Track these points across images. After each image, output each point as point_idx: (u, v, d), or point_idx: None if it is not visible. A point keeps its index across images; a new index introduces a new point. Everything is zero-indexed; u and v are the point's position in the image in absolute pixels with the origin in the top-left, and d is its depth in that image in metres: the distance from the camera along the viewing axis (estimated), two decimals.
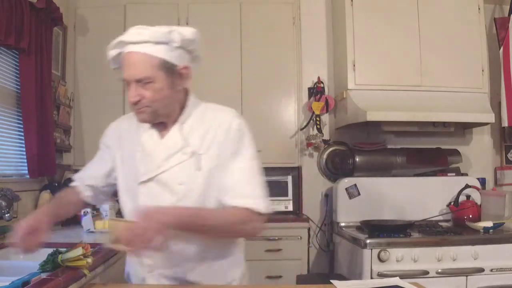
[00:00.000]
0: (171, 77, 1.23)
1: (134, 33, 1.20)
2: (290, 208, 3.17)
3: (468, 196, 2.84)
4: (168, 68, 1.21)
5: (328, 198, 3.19)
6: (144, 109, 1.22)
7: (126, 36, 1.20)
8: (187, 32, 1.24)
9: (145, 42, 1.18)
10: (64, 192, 1.44)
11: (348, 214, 2.91)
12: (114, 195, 1.46)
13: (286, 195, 3.18)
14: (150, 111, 1.23)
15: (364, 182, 2.97)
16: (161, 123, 1.30)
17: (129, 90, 1.21)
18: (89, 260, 1.38)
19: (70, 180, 1.50)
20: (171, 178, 1.25)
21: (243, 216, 1.21)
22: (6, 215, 2.00)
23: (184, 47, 1.24)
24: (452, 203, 2.85)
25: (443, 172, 3.09)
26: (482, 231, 2.47)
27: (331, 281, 1.31)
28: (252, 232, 1.27)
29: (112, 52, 1.25)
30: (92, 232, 2.35)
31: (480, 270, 2.32)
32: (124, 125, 1.40)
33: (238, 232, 1.27)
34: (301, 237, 2.94)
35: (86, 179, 1.42)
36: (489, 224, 2.47)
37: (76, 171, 3.21)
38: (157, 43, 1.19)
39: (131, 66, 1.19)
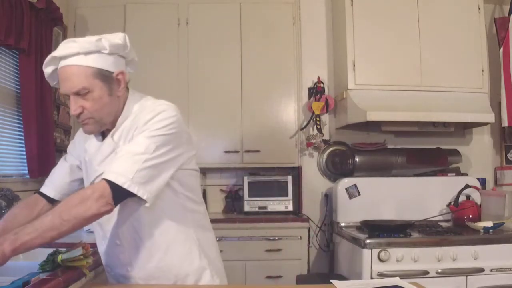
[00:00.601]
0: (108, 84, 1.25)
1: (64, 47, 1.21)
2: (290, 208, 3.17)
3: (468, 196, 2.84)
4: (104, 76, 1.23)
5: (328, 198, 3.19)
6: (88, 121, 1.26)
7: (57, 52, 1.22)
8: (116, 38, 1.26)
9: (76, 55, 1.20)
10: (14, 209, 1.46)
11: (348, 214, 2.91)
12: None
13: (286, 195, 3.18)
14: (94, 121, 1.26)
15: (364, 182, 2.97)
16: (105, 130, 1.33)
17: (70, 103, 1.24)
18: (89, 260, 1.38)
19: None
20: None
21: (83, 194, 1.13)
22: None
23: (115, 53, 1.26)
24: (452, 203, 2.85)
25: (443, 172, 3.09)
26: (482, 231, 2.47)
27: (331, 281, 1.31)
28: (93, 207, 1.11)
29: (48, 70, 1.26)
30: (92, 232, 2.35)
31: (480, 270, 2.32)
32: (82, 132, 1.44)
33: (80, 213, 1.11)
34: (301, 237, 2.94)
35: (56, 181, 1.47)
36: (489, 224, 2.47)
37: None
38: (88, 53, 1.21)
39: (67, 80, 1.21)
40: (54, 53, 1.22)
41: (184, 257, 1.34)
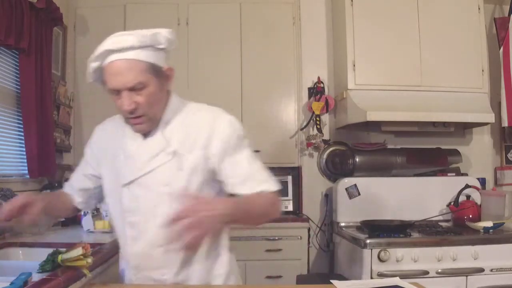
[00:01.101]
0: (160, 80, 1.21)
1: (118, 40, 1.15)
2: (290, 208, 3.17)
3: (468, 196, 2.84)
4: (156, 71, 1.20)
5: (328, 198, 3.19)
6: (141, 120, 1.21)
7: (111, 45, 1.15)
8: (168, 33, 1.22)
9: (131, 49, 1.15)
10: (60, 192, 1.45)
11: (348, 214, 2.91)
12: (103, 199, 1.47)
13: (286, 195, 3.17)
14: (147, 119, 1.22)
15: (364, 182, 2.97)
16: None
17: (120, 99, 1.18)
18: (89, 260, 1.37)
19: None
20: (154, 179, 1.24)
21: (271, 198, 1.24)
22: None
23: (166, 48, 1.23)
24: (452, 203, 2.85)
25: (443, 172, 3.09)
26: (482, 231, 2.47)
27: (331, 281, 1.31)
28: (278, 211, 1.28)
29: (94, 65, 1.21)
30: (92, 232, 2.35)
31: (480, 270, 2.32)
32: (109, 128, 1.39)
33: (270, 214, 1.26)
34: (301, 237, 2.95)
35: (75, 185, 1.42)
36: (489, 224, 2.47)
37: None
38: (143, 47, 1.16)
39: (120, 74, 1.15)
40: (107, 46, 1.15)
41: (218, 260, 1.34)
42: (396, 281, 1.30)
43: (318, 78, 3.25)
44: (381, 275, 2.27)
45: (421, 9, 2.96)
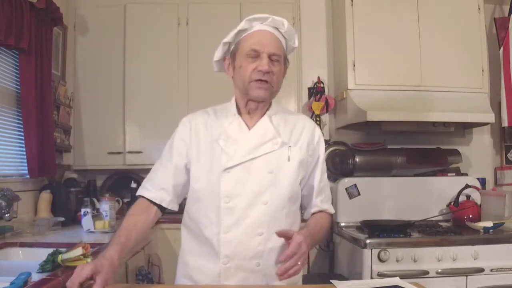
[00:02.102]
0: (284, 67, 1.37)
1: (276, 19, 1.34)
2: None
3: (468, 196, 2.84)
4: (285, 59, 1.37)
5: None
6: (267, 86, 1.30)
7: (272, 17, 1.34)
8: (297, 41, 1.40)
9: (280, 30, 1.34)
10: (136, 216, 1.32)
11: (348, 214, 2.91)
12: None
13: None
14: (270, 87, 1.31)
15: (364, 182, 2.96)
16: (247, 114, 1.37)
17: (255, 62, 1.29)
18: (89, 260, 1.38)
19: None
20: (260, 165, 1.30)
21: (328, 221, 1.43)
22: (6, 215, 1.99)
23: (290, 52, 1.41)
24: (452, 203, 2.85)
25: (443, 172, 3.09)
26: (482, 231, 2.47)
27: (331, 281, 1.31)
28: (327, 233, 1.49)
29: (243, 24, 1.35)
30: (92, 232, 2.36)
31: (480, 270, 2.32)
32: (199, 118, 1.41)
33: (325, 237, 1.46)
34: None
35: (165, 184, 1.35)
36: (489, 224, 2.47)
37: (76, 171, 3.25)
38: (285, 37, 1.36)
39: (269, 41, 1.31)
40: (267, 16, 1.34)
41: None
42: (396, 281, 1.30)
43: (318, 78, 3.25)
44: (381, 275, 2.27)
45: (421, 9, 2.96)
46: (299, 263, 1.13)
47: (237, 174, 1.28)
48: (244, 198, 1.27)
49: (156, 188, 1.35)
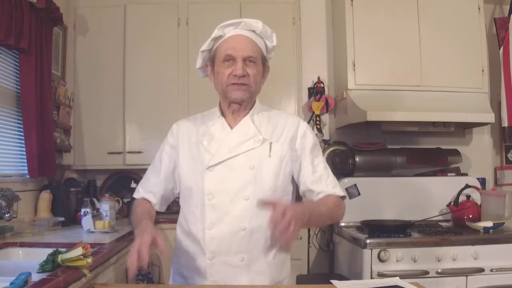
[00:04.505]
0: (263, 68, 1.41)
1: (248, 22, 1.36)
2: None
3: (468, 196, 2.84)
4: (263, 59, 1.40)
5: None
6: (245, 88, 1.34)
7: (238, 21, 1.36)
8: (276, 40, 1.43)
9: (254, 31, 1.37)
10: (143, 205, 1.44)
11: (348, 214, 2.85)
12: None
13: None
14: (249, 90, 1.35)
15: (364, 182, 2.96)
16: (231, 115, 1.41)
17: (231, 66, 1.34)
18: (89, 260, 1.38)
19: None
20: (242, 162, 1.33)
21: (338, 202, 1.39)
22: (6, 215, 1.99)
23: (271, 51, 1.44)
24: (452, 203, 2.85)
25: (443, 172, 3.09)
26: (482, 231, 2.47)
27: (331, 281, 1.31)
28: (342, 215, 1.44)
29: (217, 32, 1.39)
30: (92, 232, 2.35)
31: (480, 270, 2.32)
32: (186, 123, 1.49)
33: (337, 217, 1.43)
34: (301, 237, 2.94)
35: (155, 190, 1.45)
36: (489, 224, 2.47)
37: (76, 171, 3.25)
38: (261, 36, 1.39)
39: (242, 45, 1.34)
40: (240, 20, 1.35)
41: (285, 260, 1.42)
42: (396, 281, 1.30)
43: (318, 78, 3.25)
44: (381, 275, 2.27)
45: (421, 9, 2.96)
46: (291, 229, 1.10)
47: (220, 171, 1.33)
48: (226, 194, 1.31)
49: (145, 191, 1.47)
